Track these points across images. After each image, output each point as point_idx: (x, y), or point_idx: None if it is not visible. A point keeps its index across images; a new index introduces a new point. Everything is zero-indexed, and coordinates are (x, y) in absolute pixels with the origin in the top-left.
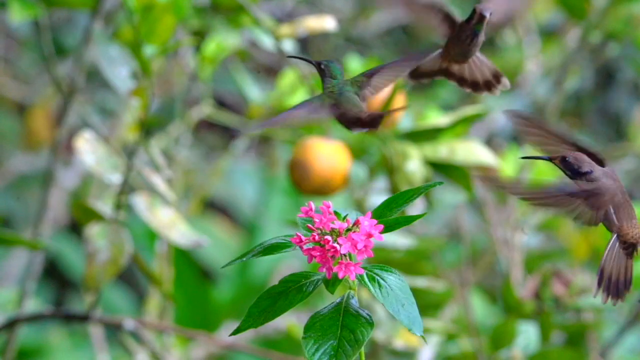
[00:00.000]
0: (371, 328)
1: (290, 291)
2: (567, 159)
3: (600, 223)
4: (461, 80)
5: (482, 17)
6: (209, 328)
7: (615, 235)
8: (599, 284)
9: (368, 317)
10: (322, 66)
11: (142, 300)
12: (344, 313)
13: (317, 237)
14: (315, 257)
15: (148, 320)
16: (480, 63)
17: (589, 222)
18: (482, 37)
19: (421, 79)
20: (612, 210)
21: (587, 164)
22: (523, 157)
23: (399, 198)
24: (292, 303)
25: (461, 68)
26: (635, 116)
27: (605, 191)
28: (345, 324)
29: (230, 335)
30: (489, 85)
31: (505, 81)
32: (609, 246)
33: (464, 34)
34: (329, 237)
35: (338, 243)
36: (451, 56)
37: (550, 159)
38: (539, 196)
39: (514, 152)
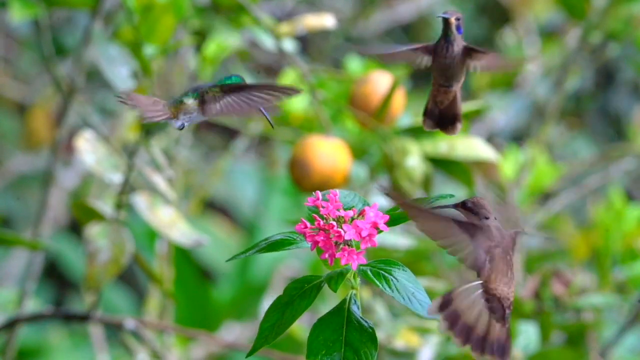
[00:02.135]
0: (375, 348)
1: (295, 299)
2: (466, 204)
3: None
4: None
5: (444, 21)
6: (209, 328)
7: (479, 282)
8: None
9: (371, 330)
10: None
11: (142, 300)
12: (347, 325)
13: (322, 223)
14: (318, 242)
15: (148, 320)
16: (454, 100)
17: (462, 259)
18: (457, 48)
19: (437, 126)
20: (486, 258)
21: (485, 211)
22: (432, 207)
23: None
24: (298, 312)
25: (447, 104)
26: (635, 116)
27: (489, 235)
28: (348, 341)
29: (247, 357)
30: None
31: (458, 126)
32: (466, 287)
33: (440, 46)
34: (333, 223)
35: (342, 229)
36: (437, 80)
37: (455, 207)
38: (426, 217)
39: (514, 152)
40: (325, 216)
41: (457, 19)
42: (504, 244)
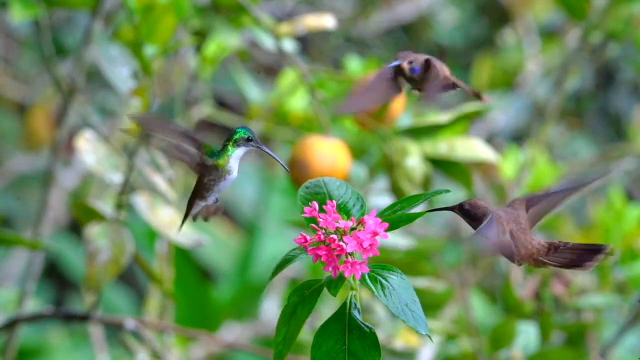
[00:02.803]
0: (379, 355)
1: (298, 307)
2: (464, 206)
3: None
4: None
5: (397, 67)
6: (209, 328)
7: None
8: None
9: (373, 336)
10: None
11: (142, 300)
12: (349, 332)
13: (322, 237)
14: (321, 256)
15: (148, 320)
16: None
17: (506, 253)
18: (420, 80)
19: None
20: (510, 240)
21: (482, 210)
22: (429, 210)
23: (404, 202)
24: (302, 319)
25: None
26: (635, 116)
27: (500, 219)
28: (351, 350)
29: None
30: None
31: (486, 97)
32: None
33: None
34: (334, 236)
35: (344, 242)
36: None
37: (452, 209)
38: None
39: (514, 152)
40: (324, 229)
41: (410, 62)
42: (511, 218)
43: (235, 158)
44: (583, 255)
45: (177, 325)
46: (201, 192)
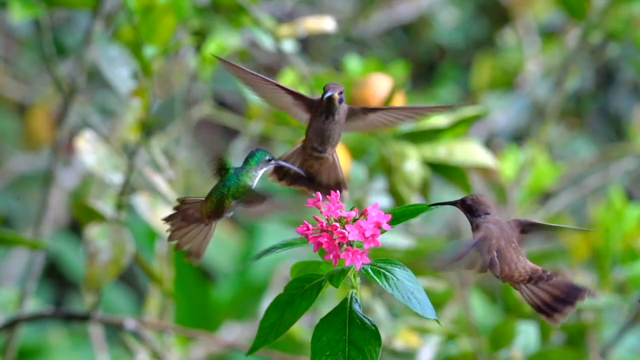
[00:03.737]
0: (379, 345)
1: (296, 299)
2: (466, 201)
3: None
4: (317, 184)
5: (330, 99)
6: (209, 328)
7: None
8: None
9: (374, 327)
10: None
11: (142, 300)
12: (350, 324)
13: (325, 225)
14: (322, 244)
15: (148, 320)
16: (334, 166)
17: (481, 269)
18: (337, 116)
19: (290, 183)
20: (496, 255)
21: (484, 207)
22: (431, 205)
23: (405, 210)
24: (299, 312)
25: (319, 169)
26: (635, 116)
27: (490, 236)
28: (352, 340)
29: (247, 355)
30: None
31: (345, 194)
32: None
33: (320, 111)
34: (337, 224)
35: (346, 230)
36: (310, 143)
37: (454, 204)
38: (459, 261)
39: (514, 152)
40: (327, 218)
41: (340, 93)
42: (505, 234)
43: (257, 179)
44: (563, 294)
45: (177, 325)
46: (220, 211)
